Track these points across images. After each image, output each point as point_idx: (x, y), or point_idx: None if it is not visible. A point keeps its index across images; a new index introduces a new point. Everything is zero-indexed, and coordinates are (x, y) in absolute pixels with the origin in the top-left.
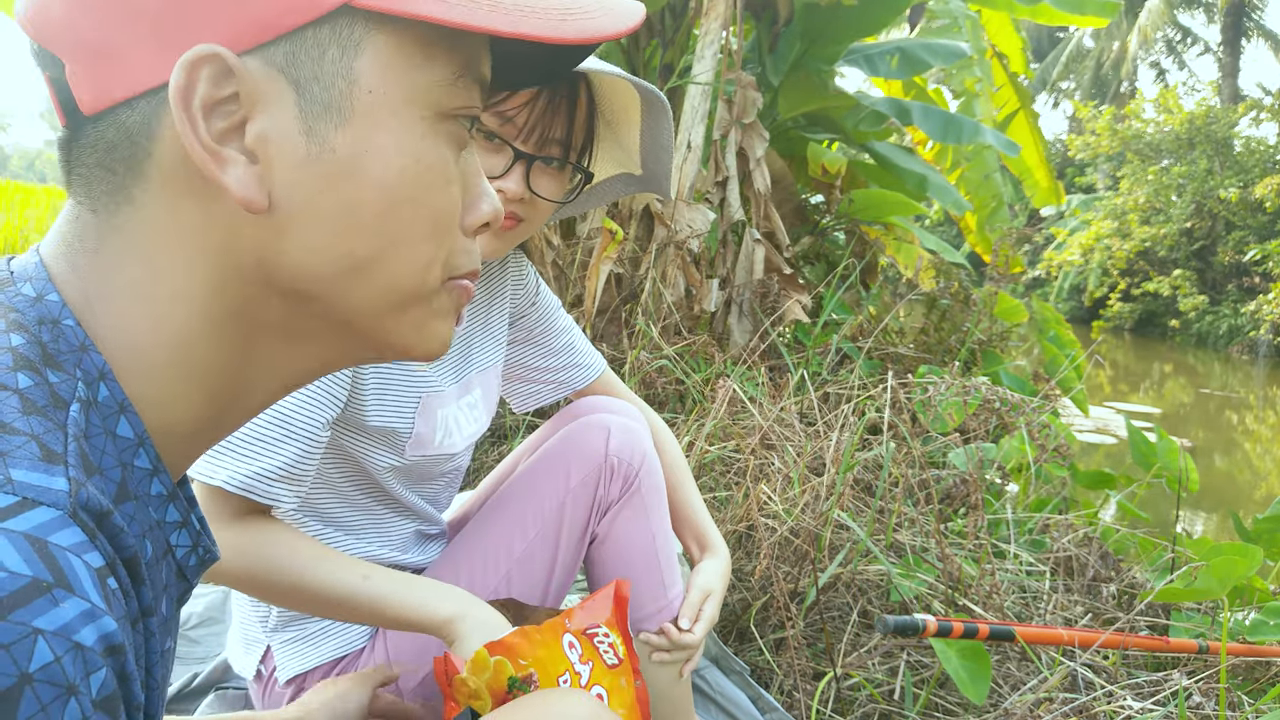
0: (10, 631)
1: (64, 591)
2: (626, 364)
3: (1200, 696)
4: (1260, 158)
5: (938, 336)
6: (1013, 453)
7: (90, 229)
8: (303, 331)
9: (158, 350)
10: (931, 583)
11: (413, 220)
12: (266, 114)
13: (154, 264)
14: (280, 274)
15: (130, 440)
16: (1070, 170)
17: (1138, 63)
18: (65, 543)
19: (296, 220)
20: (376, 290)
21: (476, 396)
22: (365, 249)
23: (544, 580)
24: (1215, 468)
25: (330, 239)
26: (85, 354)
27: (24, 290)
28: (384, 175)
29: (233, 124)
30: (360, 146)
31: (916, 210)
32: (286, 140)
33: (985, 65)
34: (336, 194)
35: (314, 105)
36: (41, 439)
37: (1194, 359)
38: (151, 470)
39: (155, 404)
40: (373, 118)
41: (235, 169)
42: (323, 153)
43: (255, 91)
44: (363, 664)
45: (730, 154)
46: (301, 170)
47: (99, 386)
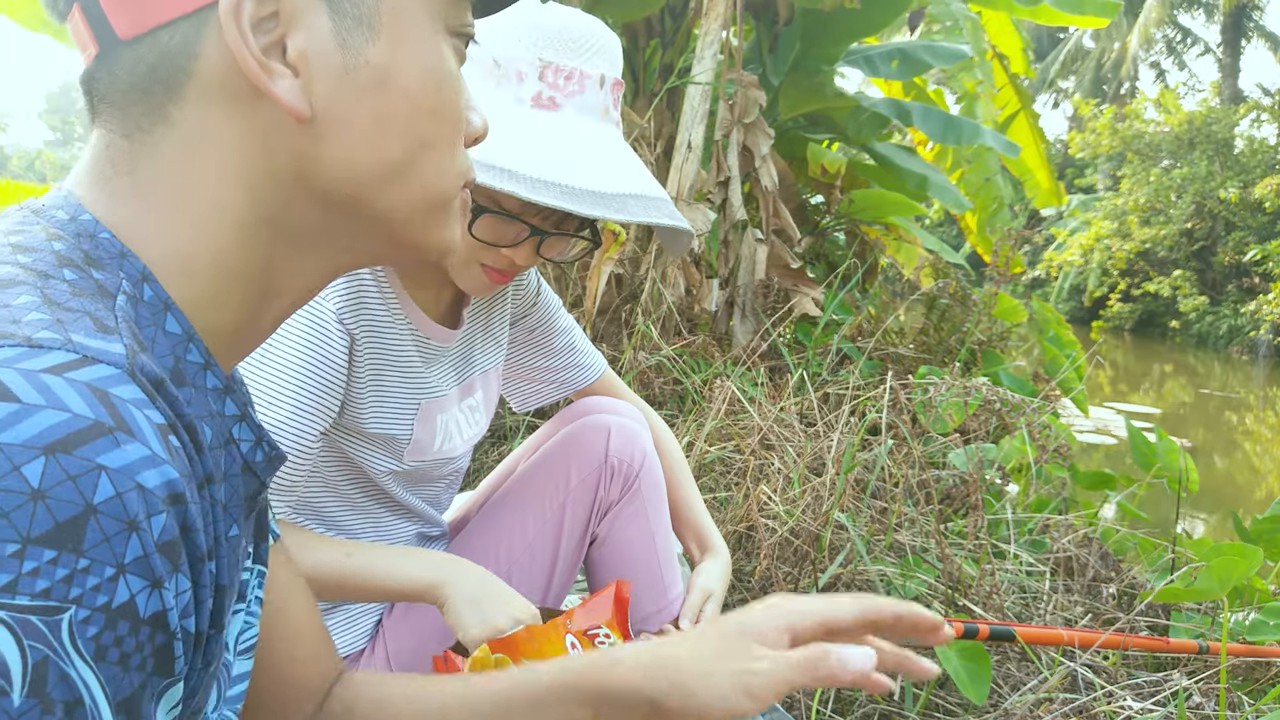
0: (76, 465)
1: (126, 436)
2: (624, 364)
3: (1200, 697)
4: (1260, 158)
5: (938, 337)
6: (1013, 453)
7: (123, 154)
8: (332, 233)
9: (198, 256)
10: (931, 583)
11: (438, 125)
12: (305, 30)
13: (192, 177)
14: (318, 180)
15: (179, 335)
16: (1070, 171)
17: (1138, 63)
18: (126, 396)
19: (335, 128)
20: (408, 192)
21: (478, 399)
22: (398, 153)
23: (544, 580)
24: (1215, 468)
25: (366, 145)
26: (125, 259)
27: (57, 215)
28: (411, 84)
29: (273, 40)
30: (390, 58)
31: (916, 210)
32: (325, 54)
33: (986, 66)
34: (371, 102)
35: (346, 20)
36: (94, 314)
37: (1194, 359)
38: (203, 364)
39: (198, 306)
40: (399, 31)
41: (283, 80)
42: (357, 64)
43: (293, 9)
44: (363, 664)
45: (732, 154)
46: (339, 81)
47: (142, 287)
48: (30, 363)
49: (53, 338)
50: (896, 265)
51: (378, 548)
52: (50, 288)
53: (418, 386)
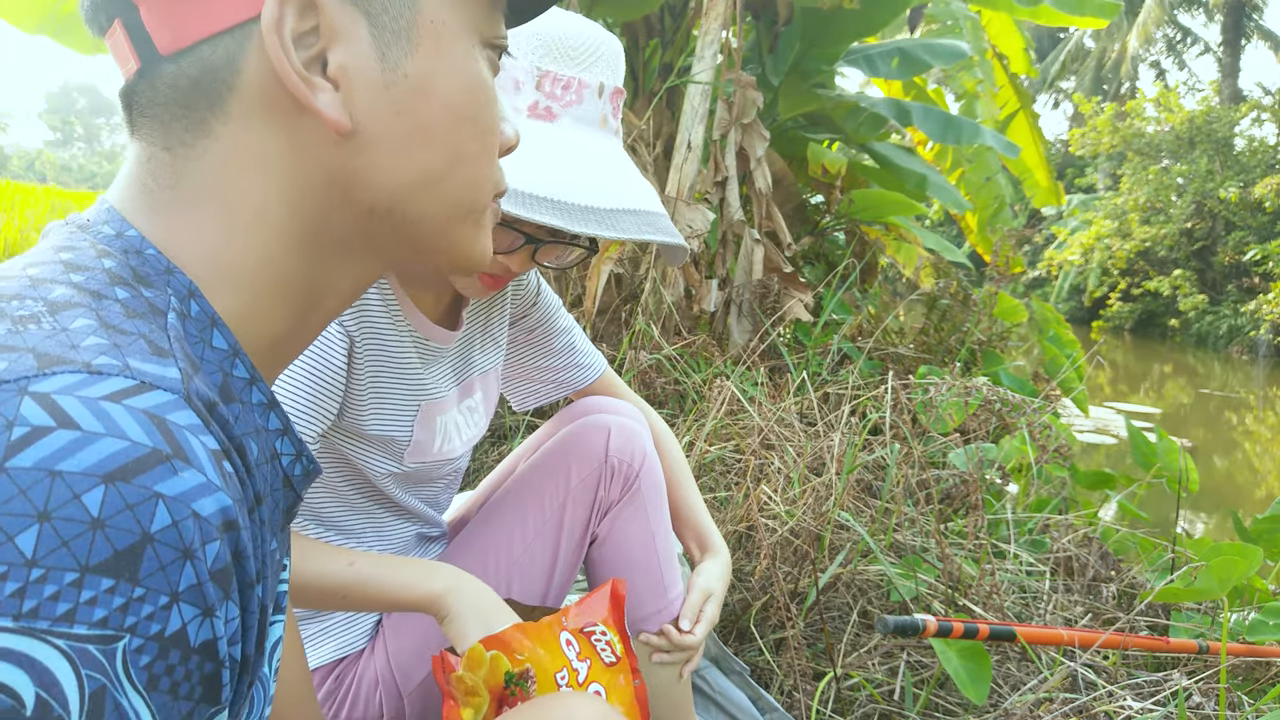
0: (134, 493)
1: (182, 463)
2: (624, 364)
3: (1200, 696)
4: (1260, 158)
5: (938, 336)
6: (1013, 453)
7: (165, 167)
8: (370, 242)
9: (242, 269)
10: (931, 583)
11: (473, 136)
12: (345, 44)
13: (234, 191)
14: (357, 191)
15: (225, 350)
16: (1070, 170)
17: (1137, 62)
18: (183, 422)
19: (375, 141)
20: (444, 202)
21: (477, 399)
22: (436, 164)
23: (544, 580)
24: (1215, 468)
25: (405, 156)
26: (172, 276)
27: (103, 230)
28: (449, 96)
29: (313, 55)
30: (428, 70)
31: (916, 210)
32: (364, 67)
33: (986, 66)
34: (410, 114)
35: (385, 34)
36: (149, 337)
37: (1194, 359)
38: (249, 379)
39: (242, 318)
40: (437, 43)
41: (324, 94)
42: (396, 78)
43: (333, 24)
44: (363, 666)
45: (730, 154)
46: (379, 94)
47: (189, 303)
48: (90, 390)
49: (111, 363)
50: (896, 265)
51: (380, 557)
52: (104, 309)
53: (417, 388)
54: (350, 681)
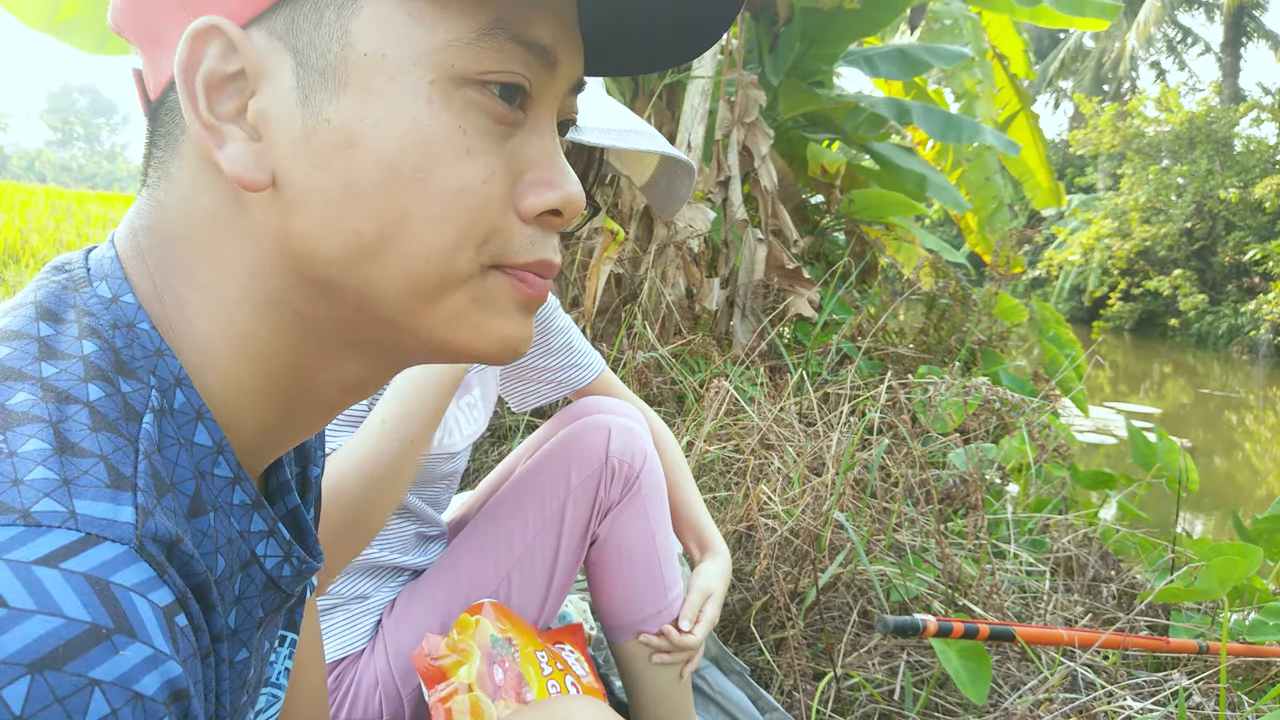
0: (65, 684)
1: (125, 638)
2: (625, 364)
3: (1200, 696)
4: (1260, 158)
5: (937, 336)
6: (1013, 453)
7: (145, 205)
8: (345, 323)
9: (218, 343)
10: (931, 583)
11: (421, 197)
12: (268, 87)
13: (198, 245)
14: (301, 259)
15: (209, 448)
16: (1070, 170)
17: (1138, 63)
18: (129, 581)
19: (301, 199)
20: (393, 275)
21: (476, 396)
22: (372, 228)
23: (544, 580)
24: (1215, 468)
25: (334, 217)
26: (161, 359)
27: (100, 291)
28: (382, 146)
29: (241, 102)
30: (355, 115)
31: (916, 210)
32: (284, 113)
33: (986, 66)
34: (335, 168)
35: (310, 73)
36: (110, 459)
37: (1194, 359)
38: (232, 479)
39: (225, 401)
40: (370, 83)
41: (232, 145)
42: (318, 124)
43: (259, 65)
44: (363, 665)
45: (732, 153)
46: (299, 144)
47: (175, 393)
48: (24, 550)
49: (54, 510)
50: (896, 265)
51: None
52: (68, 422)
53: None
54: (350, 682)
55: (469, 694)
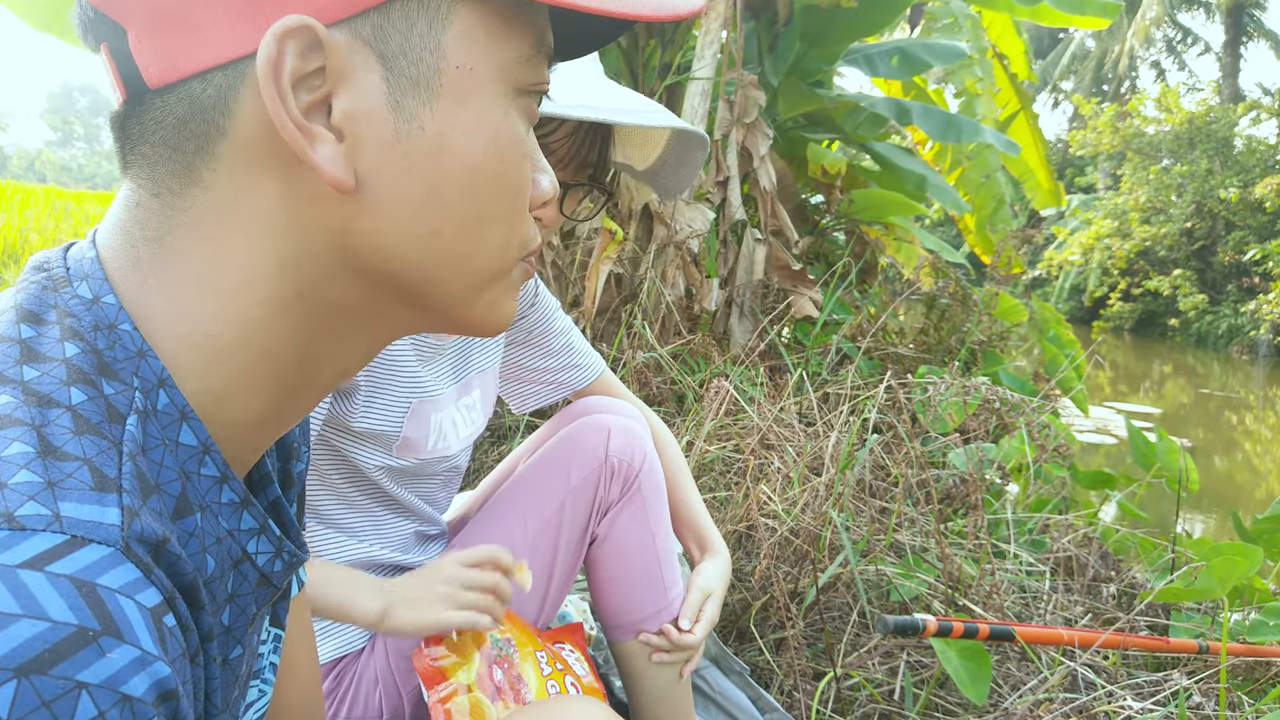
0: (52, 687)
1: (112, 640)
2: (625, 364)
3: (1200, 696)
4: (1260, 157)
5: (937, 336)
6: (1013, 453)
7: (153, 215)
8: (374, 311)
9: (223, 340)
10: (931, 583)
11: (496, 197)
12: (354, 90)
13: (222, 249)
14: (360, 255)
15: (194, 448)
16: (1070, 170)
17: (1138, 62)
18: (116, 583)
19: (382, 200)
20: (461, 270)
21: (475, 397)
22: (451, 228)
23: (544, 580)
24: (1215, 468)
25: (416, 219)
26: (143, 360)
27: (80, 291)
28: (470, 153)
29: (317, 99)
30: (448, 123)
31: (916, 210)
32: (375, 117)
33: (986, 65)
34: (424, 172)
35: (402, 80)
36: (94, 462)
37: (1194, 359)
38: (219, 477)
39: (222, 400)
40: (461, 94)
41: (325, 146)
42: (411, 130)
43: (343, 66)
44: (362, 665)
45: (731, 153)
46: (390, 149)
47: (158, 394)
48: (8, 555)
49: (39, 513)
50: (896, 265)
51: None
52: (50, 425)
53: (411, 385)
54: (350, 680)
55: (468, 695)
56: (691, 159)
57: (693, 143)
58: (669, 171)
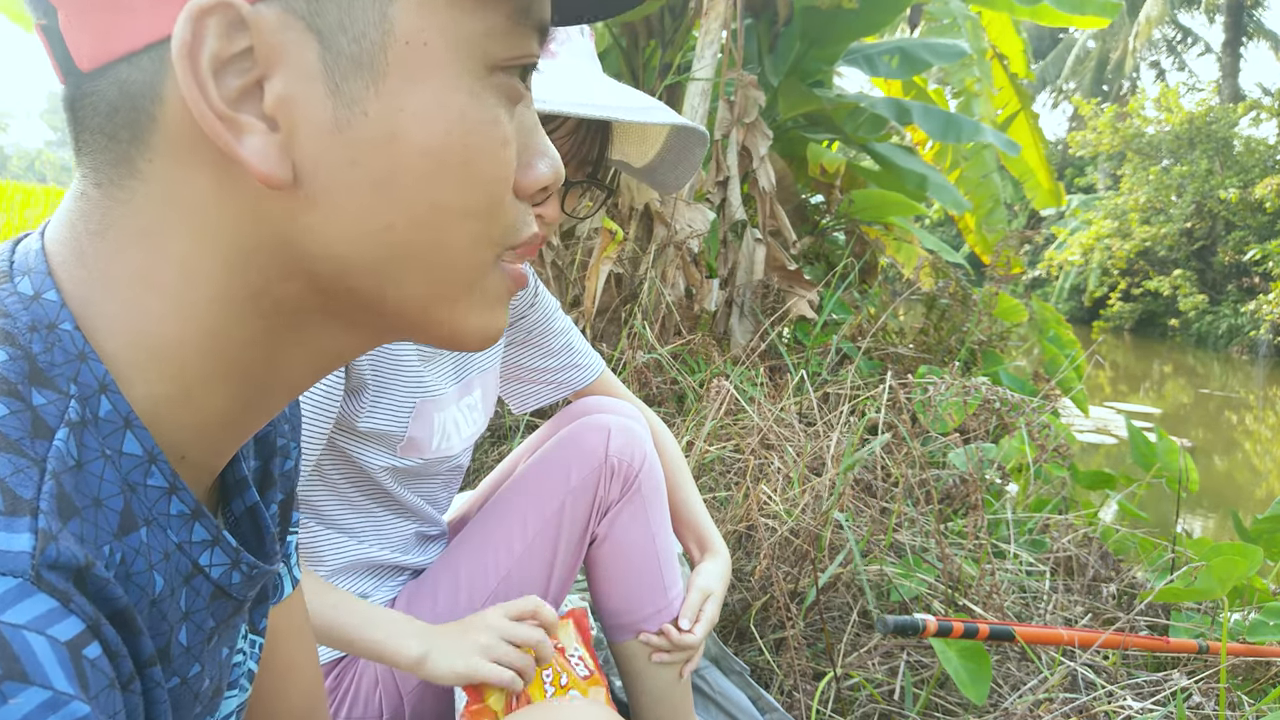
0: None
1: (17, 684)
2: (625, 364)
3: (1200, 696)
4: (1260, 158)
5: (937, 336)
6: (1013, 453)
7: (95, 206)
8: (334, 313)
9: (171, 341)
10: (931, 583)
11: (460, 191)
12: (287, 72)
13: (164, 245)
14: (310, 255)
15: (139, 458)
16: (1070, 170)
17: (1138, 62)
18: (24, 618)
19: (325, 194)
20: (425, 272)
21: (476, 397)
22: (406, 227)
23: (544, 580)
24: (1215, 468)
25: (365, 214)
26: (84, 363)
27: (20, 287)
28: (425, 140)
29: (247, 84)
30: (397, 107)
31: (916, 210)
32: (311, 102)
33: (985, 66)
34: (371, 163)
35: (341, 60)
36: (7, 483)
37: (1194, 359)
38: (167, 488)
39: (175, 403)
40: (411, 73)
41: (253, 138)
42: (353, 116)
43: (273, 46)
44: (363, 665)
45: (731, 153)
46: (330, 137)
47: (99, 401)
48: None
49: None
50: (896, 265)
51: (359, 607)
52: None
53: (414, 386)
54: (350, 680)
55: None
56: (691, 155)
57: (692, 139)
58: (667, 168)
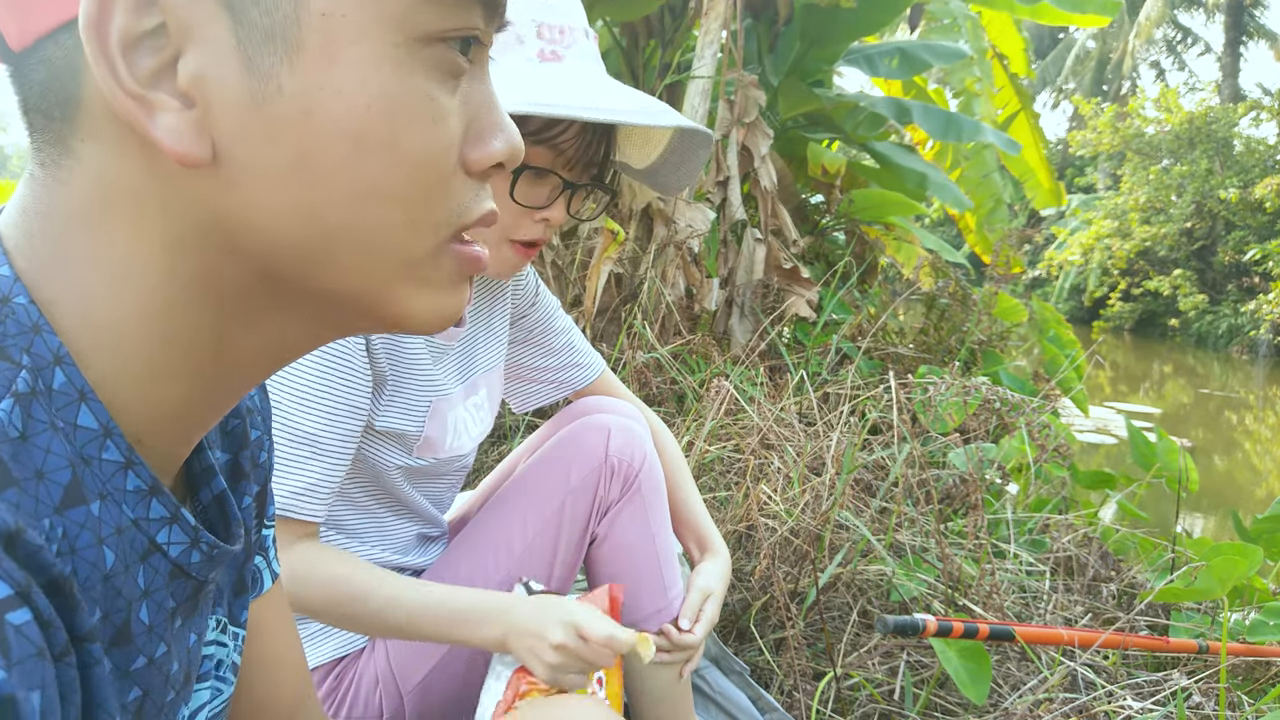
0: None
1: None
2: (625, 364)
3: (1200, 696)
4: (1260, 158)
5: (937, 336)
6: (1013, 453)
7: (41, 187)
8: (278, 296)
9: (122, 322)
10: (931, 583)
11: (387, 169)
12: (199, 48)
13: (105, 227)
14: (240, 235)
15: (94, 431)
16: (1070, 170)
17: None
18: None
19: (245, 173)
20: (353, 259)
21: (482, 397)
22: (330, 207)
23: (544, 580)
24: (1215, 468)
25: (287, 196)
26: (37, 335)
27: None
28: (345, 117)
29: (162, 62)
30: (314, 82)
31: (916, 210)
32: (225, 79)
33: (985, 65)
34: (289, 140)
35: (253, 33)
36: None
37: (1194, 359)
38: (123, 463)
39: (131, 382)
40: (328, 47)
41: (166, 116)
42: (268, 92)
43: (184, 20)
44: (363, 665)
45: (731, 153)
46: (246, 114)
47: (53, 373)
48: None
49: None
50: (896, 265)
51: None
52: None
53: (428, 384)
54: (350, 680)
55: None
56: (695, 157)
57: (697, 141)
58: (670, 170)
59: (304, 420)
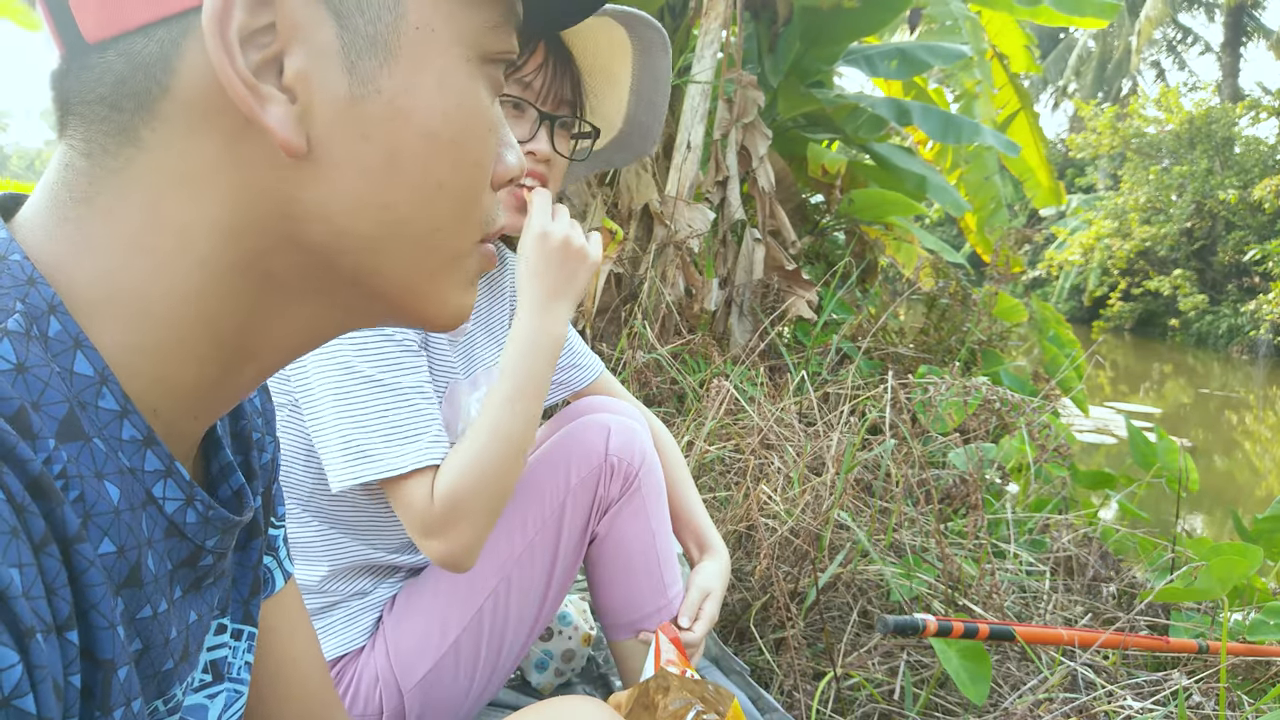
0: None
1: None
2: (625, 364)
3: (1200, 696)
4: (1260, 158)
5: (938, 336)
6: (1013, 453)
7: (82, 176)
8: (318, 289)
9: (153, 298)
10: (931, 583)
11: (454, 169)
12: (306, 48)
13: (160, 211)
14: (307, 227)
15: (90, 378)
16: (1070, 170)
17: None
18: None
19: (333, 167)
20: (414, 249)
21: (484, 393)
22: (406, 201)
23: (544, 579)
24: (1215, 468)
25: (370, 189)
26: (33, 287)
27: None
28: (428, 120)
29: (267, 58)
30: (405, 87)
31: (916, 210)
32: (328, 78)
33: (985, 66)
34: (380, 139)
35: (357, 39)
36: None
37: (1194, 359)
38: (119, 411)
39: (150, 354)
40: (419, 56)
41: (276, 107)
42: (367, 93)
43: (294, 22)
44: (363, 662)
45: (731, 153)
46: (344, 112)
47: (48, 321)
48: None
49: None
50: (896, 265)
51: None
52: None
53: (448, 366)
54: (351, 679)
55: None
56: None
57: (654, 46)
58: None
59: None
